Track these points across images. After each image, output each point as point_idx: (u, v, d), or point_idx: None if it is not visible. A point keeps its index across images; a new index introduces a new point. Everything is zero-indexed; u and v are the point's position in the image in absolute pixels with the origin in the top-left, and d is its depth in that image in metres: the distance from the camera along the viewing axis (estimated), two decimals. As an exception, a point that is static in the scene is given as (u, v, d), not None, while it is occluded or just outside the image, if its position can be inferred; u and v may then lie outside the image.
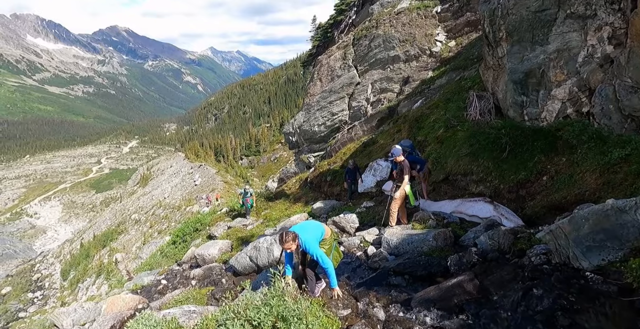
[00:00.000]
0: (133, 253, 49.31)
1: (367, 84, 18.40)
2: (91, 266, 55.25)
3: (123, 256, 49.80)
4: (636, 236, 3.44)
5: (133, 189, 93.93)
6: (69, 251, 71.09)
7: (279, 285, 3.76)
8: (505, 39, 8.47)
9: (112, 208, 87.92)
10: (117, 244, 57.83)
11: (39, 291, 58.34)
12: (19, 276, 64.98)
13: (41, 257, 75.74)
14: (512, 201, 7.46)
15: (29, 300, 54.97)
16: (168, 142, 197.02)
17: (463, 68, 14.14)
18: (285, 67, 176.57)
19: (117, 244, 57.44)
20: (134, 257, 47.20)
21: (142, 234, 55.26)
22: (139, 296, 8.40)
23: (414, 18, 17.20)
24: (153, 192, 74.73)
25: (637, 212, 3.46)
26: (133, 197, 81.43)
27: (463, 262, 4.79)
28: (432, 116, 11.38)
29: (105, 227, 70.90)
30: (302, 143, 22.44)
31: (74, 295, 49.99)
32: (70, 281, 56.82)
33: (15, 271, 67.81)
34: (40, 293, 57.30)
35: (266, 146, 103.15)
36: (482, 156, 8.41)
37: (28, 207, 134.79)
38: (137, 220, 63.56)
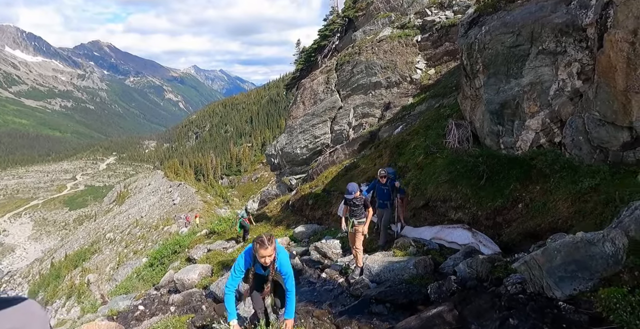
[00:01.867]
0: (107, 273, 47.59)
1: (350, 109, 18.79)
2: (61, 287, 52.87)
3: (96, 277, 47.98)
4: (604, 267, 3.63)
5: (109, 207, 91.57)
6: (38, 270, 68.18)
7: None
8: (482, 71, 8.90)
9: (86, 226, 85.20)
10: (90, 264, 55.73)
11: (3, 313, 55.40)
12: (-18, 297, 61.69)
13: (8, 276, 72.36)
14: (489, 227, 7.67)
15: (-8, 323, 52.11)
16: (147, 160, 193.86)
17: (442, 96, 14.64)
18: (268, 88, 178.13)
19: (90, 265, 55.36)
20: (107, 278, 45.48)
21: (117, 254, 53.54)
22: (115, 323, 8.12)
23: (395, 46, 17.81)
24: (130, 211, 72.97)
25: (605, 244, 3.66)
26: (108, 216, 79.29)
27: (443, 290, 4.88)
28: (413, 142, 11.69)
29: (77, 246, 68.41)
30: (284, 165, 22.52)
31: (41, 318, 47.55)
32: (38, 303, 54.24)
33: (-22, 292, 64.29)
34: (4, 315, 54.41)
35: (247, 165, 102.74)
36: (461, 182, 8.67)
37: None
38: (112, 239, 61.67)
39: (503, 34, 8.25)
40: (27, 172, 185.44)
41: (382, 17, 21.02)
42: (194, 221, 42.31)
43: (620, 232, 3.73)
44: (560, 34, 7.66)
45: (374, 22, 21.30)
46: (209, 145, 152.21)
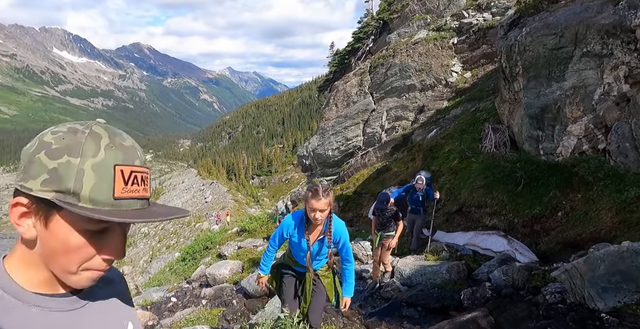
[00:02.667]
0: (140, 266, 49.13)
1: (382, 111, 18.67)
2: (97, 278, 54.98)
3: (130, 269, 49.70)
4: (652, 279, 3.46)
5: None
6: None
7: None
8: (522, 74, 8.65)
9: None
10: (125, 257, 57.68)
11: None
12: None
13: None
14: (526, 235, 7.44)
15: (32, 311, 54.73)
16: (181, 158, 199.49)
17: (478, 99, 14.32)
18: (301, 90, 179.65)
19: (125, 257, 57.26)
20: (141, 271, 47.00)
21: (151, 248, 55.12)
22: (149, 313, 8.42)
23: (430, 48, 17.57)
24: (163, 207, 75.00)
25: (654, 255, 3.49)
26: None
27: (476, 296, 4.79)
28: (447, 146, 11.49)
29: (114, 240, 71.01)
30: (315, 166, 22.62)
31: (78, 308, 49.62)
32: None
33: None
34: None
35: (278, 166, 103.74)
36: (497, 188, 8.45)
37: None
38: (147, 234, 63.52)
39: (545, 36, 7.99)
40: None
41: (418, 19, 20.80)
42: (225, 219, 43.10)
43: (671, 244, 3.55)
44: (606, 36, 7.35)
45: (409, 25, 21.11)
46: (241, 145, 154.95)
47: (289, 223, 3.21)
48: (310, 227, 3.12)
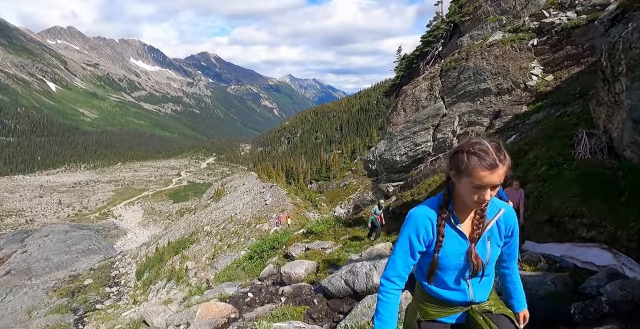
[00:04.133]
0: (203, 262, 51.49)
1: (454, 116, 18.13)
2: (163, 270, 58.20)
3: (194, 265, 52.27)
4: None
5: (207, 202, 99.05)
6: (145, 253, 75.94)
7: None
8: (626, 74, 8.01)
9: (187, 218, 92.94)
10: (188, 252, 60.60)
11: (115, 286, 62.41)
12: (100, 271, 70.42)
13: (120, 256, 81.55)
14: (632, 250, 6.82)
15: (106, 294, 58.99)
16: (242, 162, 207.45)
17: (563, 104, 13.43)
18: (359, 96, 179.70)
19: (188, 253, 60.20)
20: (203, 266, 49.29)
21: (213, 246, 57.51)
22: (231, 306, 8.81)
23: (507, 50, 16.81)
24: (225, 207, 77.92)
25: None
26: (206, 210, 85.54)
27: (590, 311, 4.46)
28: (531, 153, 10.88)
29: (179, 235, 74.76)
30: (381, 171, 22.45)
31: (145, 295, 53.07)
32: (143, 281, 60.38)
33: (97, 266, 73.61)
34: (116, 289, 61.31)
35: (336, 172, 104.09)
36: (595, 197, 7.85)
37: (114, 210, 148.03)
38: (209, 232, 66.33)
39: (656, 33, 7.36)
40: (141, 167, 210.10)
41: (492, 20, 20.01)
42: (286, 221, 44.03)
43: None
44: None
45: (482, 27, 20.37)
46: (300, 150, 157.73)
47: (423, 219, 1.90)
48: (461, 218, 1.94)
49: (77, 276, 68.10)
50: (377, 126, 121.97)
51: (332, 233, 17.31)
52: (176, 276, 51.83)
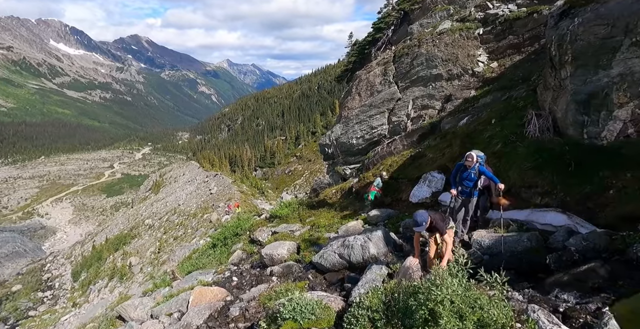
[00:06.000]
0: (148, 257, 49.79)
1: (408, 100, 19.16)
2: (103, 269, 55.56)
3: (138, 260, 50.37)
4: None
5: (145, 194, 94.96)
6: (80, 252, 71.69)
7: None
8: (570, 62, 9.18)
9: (124, 213, 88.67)
10: (130, 248, 58.25)
11: (49, 290, 58.72)
12: (29, 275, 65.63)
13: (51, 257, 76.37)
14: (580, 212, 8.01)
15: (38, 299, 55.34)
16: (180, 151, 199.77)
17: (508, 88, 14.82)
18: (300, 82, 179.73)
19: (130, 248, 57.85)
20: (149, 261, 47.70)
21: (157, 239, 55.69)
22: (224, 289, 9.01)
23: (456, 39, 18.02)
24: (167, 199, 75.43)
25: None
26: (146, 203, 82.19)
27: (563, 260, 5.37)
28: (486, 132, 12.04)
29: (117, 230, 71.48)
30: (337, 155, 23.14)
31: (85, 297, 50.44)
32: (81, 282, 57.23)
33: (26, 270, 68.47)
34: (50, 293, 57.72)
35: (281, 158, 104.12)
36: (547, 170, 9.02)
37: (39, 208, 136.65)
38: (151, 225, 63.99)
39: (597, 26, 8.51)
40: (68, 160, 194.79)
41: (440, 10, 21.20)
42: (235, 209, 43.83)
43: None
44: (657, 27, 7.87)
45: (431, 15, 21.51)
46: (241, 138, 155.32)
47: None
48: None
49: (3, 283, 62.73)
50: (319, 111, 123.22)
51: (297, 216, 17.76)
52: (119, 273, 49.63)
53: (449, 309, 3.37)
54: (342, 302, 5.75)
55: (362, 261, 7.23)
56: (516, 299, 4.24)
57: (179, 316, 8.56)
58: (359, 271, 7.11)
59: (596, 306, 3.79)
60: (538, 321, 3.27)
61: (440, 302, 3.39)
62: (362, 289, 5.58)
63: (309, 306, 5.16)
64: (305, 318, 5.09)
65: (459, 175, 8.22)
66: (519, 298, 4.31)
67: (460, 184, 8.18)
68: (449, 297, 3.42)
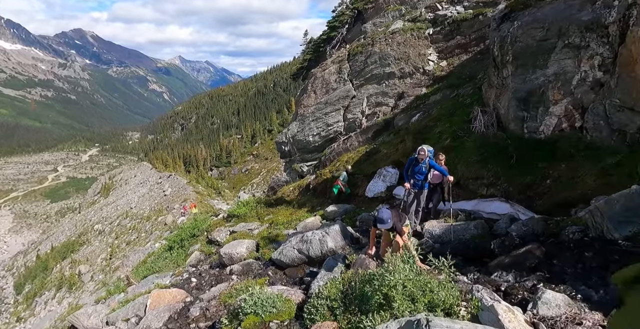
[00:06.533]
0: (99, 264, 47.70)
1: (363, 98, 19.60)
2: (50, 279, 52.55)
3: (87, 268, 48.07)
4: (655, 213, 4.61)
5: (93, 199, 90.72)
6: (22, 263, 67.45)
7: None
8: (512, 62, 9.85)
9: (71, 219, 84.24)
10: (79, 255, 55.49)
11: (-11, 305, 54.83)
12: (-34, 290, 60.90)
13: (-10, 269, 71.26)
14: (521, 201, 8.66)
15: (-23, 316, 51.57)
16: (131, 152, 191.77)
17: (456, 86, 15.59)
18: (256, 80, 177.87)
19: (79, 256, 55.10)
20: (100, 268, 45.63)
21: (108, 245, 53.45)
22: (183, 291, 8.86)
23: (408, 38, 18.65)
24: (118, 202, 72.55)
25: (655, 195, 4.64)
26: (95, 208, 78.65)
27: (505, 244, 5.82)
28: (437, 128, 12.63)
29: (64, 238, 67.87)
30: (294, 152, 23.24)
31: (31, 310, 47.57)
32: (25, 295, 53.89)
33: (-38, 285, 63.43)
34: (-10, 308, 53.90)
35: (237, 157, 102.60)
36: (492, 162, 9.65)
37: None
38: (101, 231, 61.36)
39: (534, 29, 9.20)
40: (6, 164, 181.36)
41: (392, 10, 21.83)
42: (191, 210, 42.90)
43: (665, 187, 4.71)
44: (585, 30, 8.64)
45: (384, 15, 22.10)
46: (196, 137, 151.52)
47: None
48: None
49: None
50: (275, 109, 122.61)
51: (256, 215, 17.68)
52: (67, 283, 47.12)
53: (401, 293, 3.60)
54: (302, 295, 5.89)
55: (320, 255, 7.41)
56: (463, 282, 4.57)
57: (136, 321, 8.34)
58: (318, 265, 7.27)
59: (532, 283, 4.19)
60: (481, 299, 3.57)
61: (394, 287, 3.62)
62: (321, 281, 5.75)
63: (269, 300, 5.25)
64: (267, 312, 5.19)
65: (411, 169, 8.58)
66: (466, 280, 4.66)
67: (413, 178, 8.54)
68: (402, 282, 3.65)
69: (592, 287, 3.95)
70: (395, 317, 3.43)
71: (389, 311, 3.59)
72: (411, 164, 8.57)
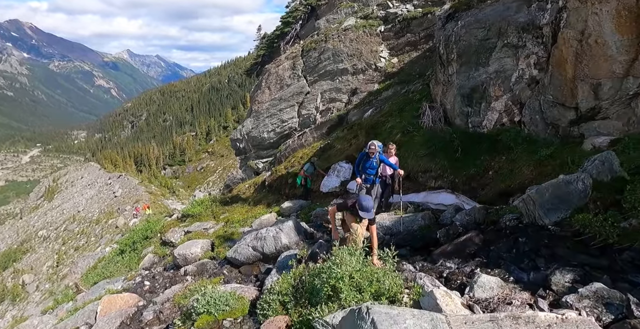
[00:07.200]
0: (45, 272, 45.12)
1: (317, 94, 19.75)
2: (-10, 292, 48.96)
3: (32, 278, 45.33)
4: (578, 199, 5.04)
5: (36, 203, 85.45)
6: (-42, 275, 62.41)
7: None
8: (456, 60, 10.31)
9: (12, 225, 78.78)
10: (22, 264, 52.17)
11: None
12: None
13: None
14: (466, 191, 9.13)
15: None
16: (77, 151, 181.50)
17: (407, 82, 16.09)
18: (210, 75, 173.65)
19: (22, 265, 51.79)
20: (47, 277, 43.12)
21: (54, 252, 50.63)
22: (135, 295, 8.57)
23: (360, 35, 18.98)
24: (63, 206, 68.81)
25: (578, 183, 5.08)
26: (38, 212, 74.20)
27: (450, 233, 6.12)
28: (388, 123, 12.98)
29: (4, 246, 63.56)
30: (249, 149, 23.04)
31: (-30, 325, 44.18)
32: (-39, 312, 49.96)
33: None
34: None
35: (192, 155, 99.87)
36: (439, 156, 10.08)
37: None
38: (46, 237, 58.06)
39: (476, 29, 9.68)
40: None
41: (345, 6, 22.08)
42: (144, 211, 41.55)
43: (587, 175, 5.16)
44: (522, 31, 9.21)
45: (336, 11, 22.32)
46: (147, 135, 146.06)
47: None
48: None
49: None
50: (230, 105, 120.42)
51: (211, 213, 17.37)
52: (10, 294, 44.22)
53: (348, 284, 3.72)
54: (256, 291, 5.90)
55: (275, 252, 7.44)
56: (409, 270, 4.79)
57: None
58: (272, 262, 7.30)
59: (471, 269, 4.47)
60: (423, 285, 3.78)
61: (341, 278, 3.73)
62: (274, 277, 5.79)
63: (222, 298, 5.24)
64: (220, 310, 5.17)
65: (362, 164, 8.73)
66: (412, 269, 4.88)
67: (364, 173, 8.72)
68: (349, 273, 3.77)
69: (523, 269, 4.27)
70: (343, 307, 3.55)
71: (337, 302, 3.70)
72: (362, 159, 8.72)
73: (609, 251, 4.32)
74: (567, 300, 3.36)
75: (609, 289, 3.40)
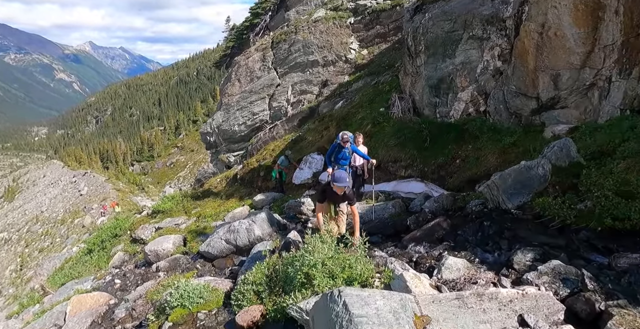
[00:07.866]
0: (7, 276, 43.29)
1: (288, 86, 19.66)
2: (-50, 299, 46.50)
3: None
4: (538, 184, 5.30)
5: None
6: None
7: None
8: (424, 51, 10.50)
9: (-29, 229, 74.99)
10: (-18, 269, 49.73)
11: None
12: None
13: None
14: (435, 180, 9.38)
15: None
16: (37, 149, 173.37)
17: (376, 74, 16.25)
18: (177, 68, 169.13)
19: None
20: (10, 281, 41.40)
21: (17, 255, 48.64)
22: (106, 293, 8.36)
23: (330, 27, 18.97)
24: (25, 206, 65.94)
25: (538, 168, 5.33)
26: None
27: (419, 220, 6.29)
28: (359, 115, 13.10)
29: (-37, 251, 60.33)
30: (220, 143, 22.74)
31: None
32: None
33: None
34: None
35: (160, 150, 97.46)
36: (409, 146, 10.29)
37: None
38: (7, 239, 55.57)
39: (443, 21, 9.88)
40: None
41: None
42: (112, 209, 40.56)
43: (547, 161, 5.42)
44: (486, 24, 9.47)
45: (306, 3, 22.19)
46: (113, 130, 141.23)
47: None
48: None
49: None
50: (200, 98, 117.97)
51: (182, 209, 17.09)
52: (-27, 301, 42.08)
53: (321, 271, 3.79)
54: (230, 283, 5.90)
55: (248, 244, 7.44)
56: (380, 256, 4.91)
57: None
58: (246, 254, 7.30)
59: (439, 252, 4.64)
60: (394, 269, 3.90)
61: (314, 266, 3.80)
62: (248, 268, 5.78)
63: (196, 291, 5.21)
64: (194, 303, 5.15)
65: (335, 155, 8.78)
66: (383, 254, 5.00)
67: (337, 163, 8.79)
68: (321, 260, 3.83)
69: (488, 251, 4.47)
70: (316, 293, 3.62)
71: (310, 289, 3.76)
72: (334, 150, 8.78)
73: (566, 231, 4.59)
74: (527, 277, 3.55)
75: (565, 265, 3.61)
